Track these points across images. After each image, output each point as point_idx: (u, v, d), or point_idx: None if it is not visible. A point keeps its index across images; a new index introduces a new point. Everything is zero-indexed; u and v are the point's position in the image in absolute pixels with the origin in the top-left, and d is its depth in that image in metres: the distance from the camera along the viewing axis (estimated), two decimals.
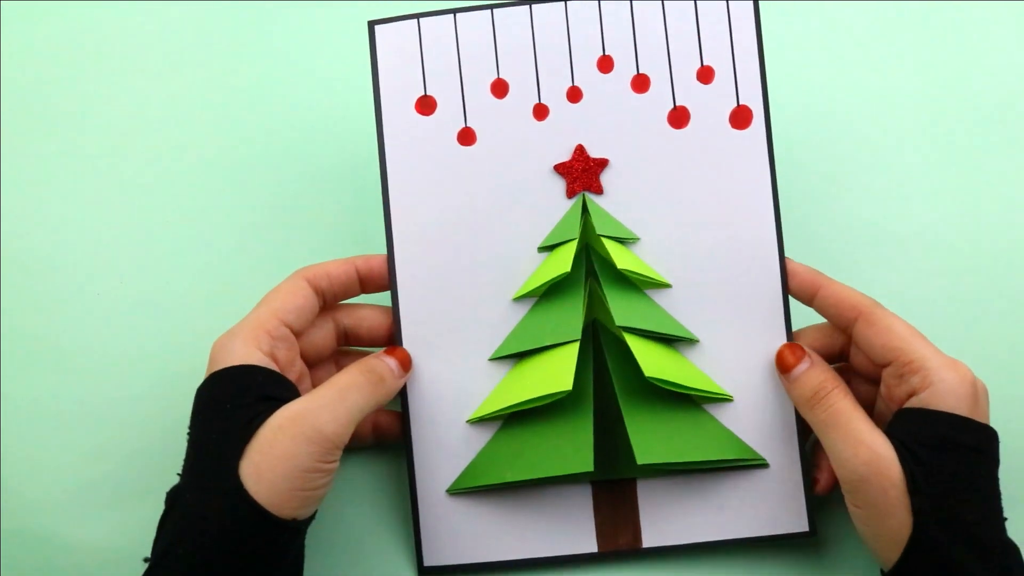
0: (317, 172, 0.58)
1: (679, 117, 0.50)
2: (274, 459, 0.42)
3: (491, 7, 0.50)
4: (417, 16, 0.50)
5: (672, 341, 0.50)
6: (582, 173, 0.50)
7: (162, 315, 0.56)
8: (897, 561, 0.42)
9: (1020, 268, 0.56)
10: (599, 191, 0.50)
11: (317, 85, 0.60)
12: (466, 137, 0.50)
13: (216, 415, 0.44)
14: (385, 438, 0.52)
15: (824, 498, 0.50)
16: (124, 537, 0.43)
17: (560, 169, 0.50)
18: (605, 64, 0.50)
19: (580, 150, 0.50)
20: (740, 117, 0.50)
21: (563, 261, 0.48)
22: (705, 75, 0.50)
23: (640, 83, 0.50)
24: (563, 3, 0.50)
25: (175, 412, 0.44)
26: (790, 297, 0.50)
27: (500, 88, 0.50)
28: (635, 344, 0.48)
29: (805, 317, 0.50)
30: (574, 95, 0.50)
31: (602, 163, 0.50)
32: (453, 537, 0.50)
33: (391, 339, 0.51)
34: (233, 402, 0.43)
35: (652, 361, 0.48)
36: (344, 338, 0.51)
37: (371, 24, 0.51)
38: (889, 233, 0.57)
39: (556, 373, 0.47)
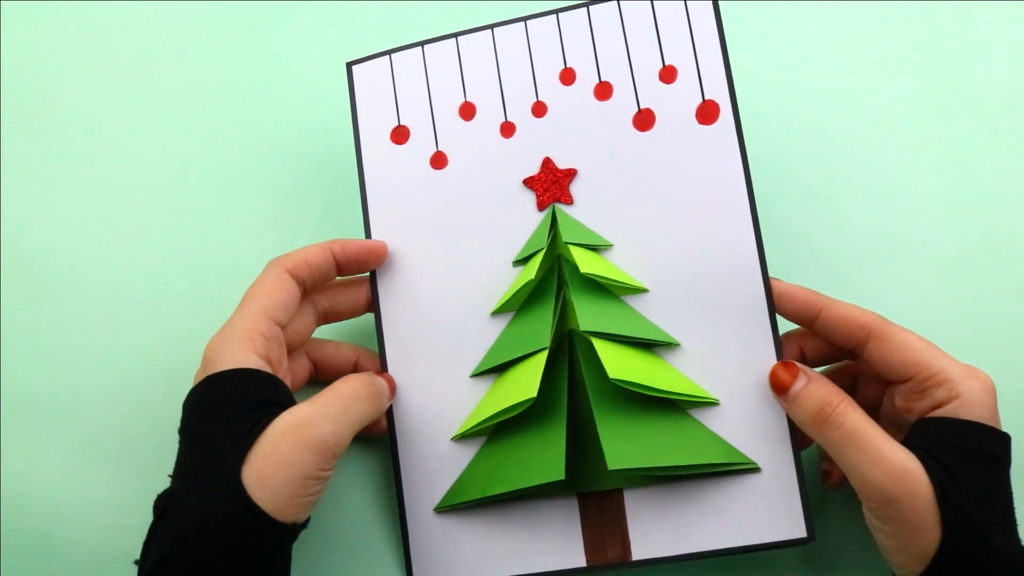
0: (319, 174, 0.59)
1: (644, 119, 0.50)
2: (277, 466, 0.41)
3: (456, 35, 0.52)
4: (389, 52, 0.53)
5: (651, 346, 0.49)
6: (551, 185, 0.50)
7: (162, 315, 0.56)
8: (921, 574, 0.41)
9: (1013, 266, 0.54)
10: (569, 201, 0.50)
11: (320, 88, 0.60)
12: (438, 161, 0.52)
13: (216, 419, 0.43)
14: (364, 436, 0.52)
15: (820, 502, 0.47)
16: (124, 537, 0.43)
17: (529, 183, 0.51)
18: (567, 76, 0.51)
19: (547, 162, 0.51)
20: (706, 112, 0.49)
21: (529, 271, 0.49)
22: (668, 74, 0.49)
23: (603, 91, 0.50)
24: (523, 23, 0.51)
25: (176, 412, 0.45)
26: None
27: (468, 111, 0.52)
28: (603, 349, 0.47)
29: None
30: (539, 110, 0.51)
31: (570, 173, 0.50)
32: (442, 556, 0.50)
33: (370, 306, 0.52)
34: (234, 406, 0.43)
35: (622, 365, 0.46)
36: (324, 318, 0.52)
37: (349, 65, 0.54)
38: (881, 236, 0.55)
39: (524, 383, 0.47)
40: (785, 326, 0.48)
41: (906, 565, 0.42)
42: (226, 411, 0.43)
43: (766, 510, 0.46)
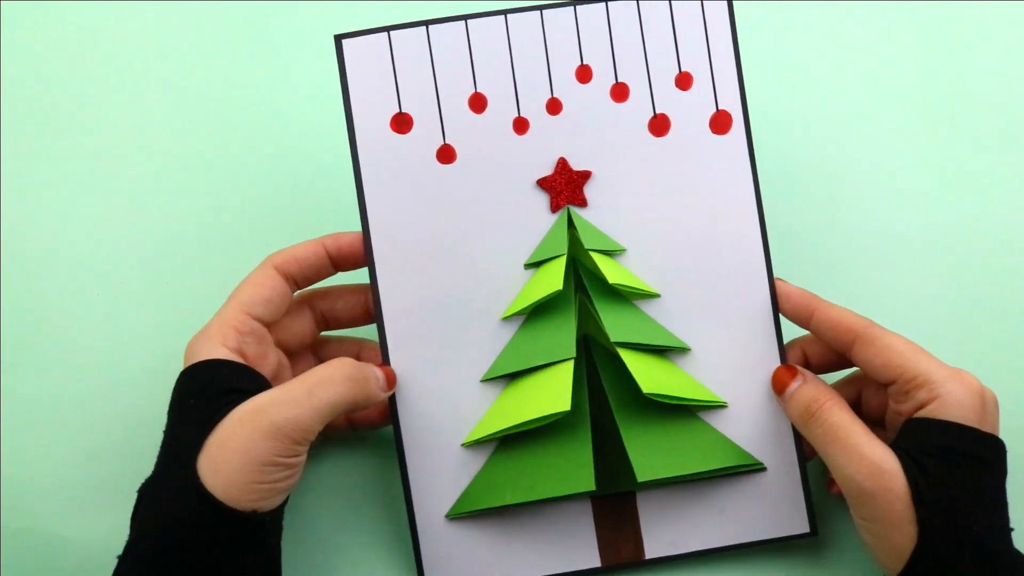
0: (323, 172, 0.58)
1: (660, 125, 0.50)
2: (230, 452, 0.41)
3: (465, 18, 0.49)
4: (387, 29, 0.48)
5: (665, 351, 0.50)
6: (565, 187, 0.49)
7: (162, 315, 0.56)
8: (901, 572, 0.42)
9: (1013, 266, 0.56)
10: (583, 204, 0.50)
11: (321, 88, 0.58)
12: (446, 155, 0.49)
13: (180, 411, 0.43)
14: (361, 428, 0.52)
15: (825, 498, 0.51)
16: (123, 537, 0.42)
17: (543, 183, 0.49)
18: (583, 74, 0.49)
19: (563, 163, 0.49)
20: (720, 122, 0.50)
21: (553, 278, 0.48)
22: (684, 81, 0.49)
23: (619, 92, 0.49)
24: (539, 12, 0.49)
25: None
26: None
27: (478, 103, 0.49)
28: (630, 359, 0.47)
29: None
30: (553, 107, 0.49)
31: (585, 175, 0.49)
32: (455, 562, 0.49)
33: (370, 317, 0.50)
34: (197, 397, 0.43)
35: (648, 375, 0.47)
36: (324, 323, 0.50)
37: (338, 38, 0.48)
38: (883, 237, 0.56)
39: (553, 393, 0.46)
40: (791, 332, 0.50)
41: (886, 563, 0.43)
42: (189, 402, 0.43)
43: (771, 507, 0.50)
